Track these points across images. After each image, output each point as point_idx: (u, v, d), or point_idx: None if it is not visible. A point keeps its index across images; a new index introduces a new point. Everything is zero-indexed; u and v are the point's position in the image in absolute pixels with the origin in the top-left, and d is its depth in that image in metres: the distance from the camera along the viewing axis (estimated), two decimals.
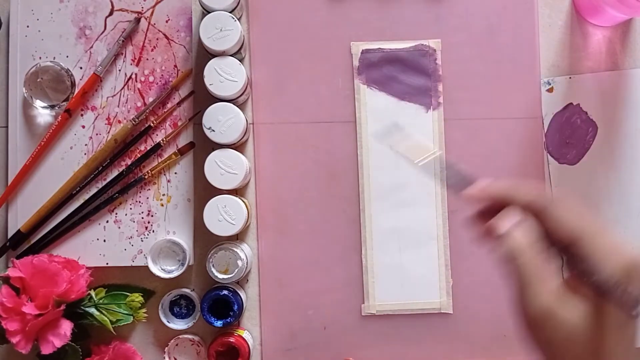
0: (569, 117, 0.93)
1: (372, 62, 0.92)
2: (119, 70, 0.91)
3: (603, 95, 0.93)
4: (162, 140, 0.90)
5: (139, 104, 0.91)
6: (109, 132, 0.91)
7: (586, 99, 0.93)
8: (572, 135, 0.93)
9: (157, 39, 0.91)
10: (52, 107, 0.89)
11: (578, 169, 0.93)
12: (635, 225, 0.92)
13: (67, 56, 0.91)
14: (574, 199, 0.68)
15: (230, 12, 0.85)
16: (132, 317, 0.87)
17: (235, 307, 0.86)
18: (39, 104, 0.89)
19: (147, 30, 0.91)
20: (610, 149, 0.93)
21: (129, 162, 0.91)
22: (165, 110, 0.91)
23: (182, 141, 0.91)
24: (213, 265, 0.86)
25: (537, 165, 0.93)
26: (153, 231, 0.90)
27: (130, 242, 0.90)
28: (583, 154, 0.93)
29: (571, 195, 0.92)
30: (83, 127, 0.91)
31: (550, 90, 0.93)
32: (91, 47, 0.91)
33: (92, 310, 0.87)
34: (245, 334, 0.89)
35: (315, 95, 0.92)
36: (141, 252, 0.90)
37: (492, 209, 0.64)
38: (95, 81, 0.90)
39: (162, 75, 0.91)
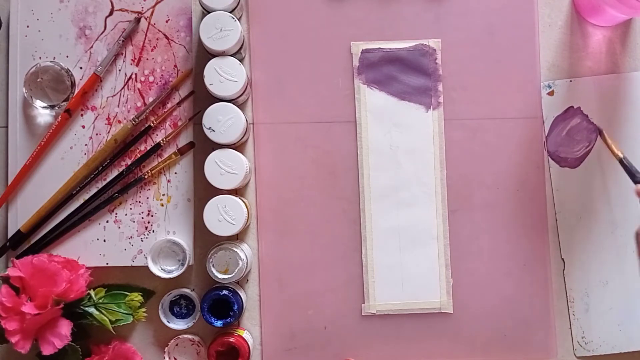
0: (569, 120, 0.93)
1: (372, 62, 0.92)
2: (119, 70, 0.91)
3: (604, 98, 0.93)
4: (162, 140, 0.90)
5: (139, 104, 0.91)
6: (109, 132, 0.91)
7: (587, 102, 0.93)
8: (572, 139, 0.93)
9: (157, 39, 0.91)
10: (52, 107, 0.89)
11: (579, 172, 0.93)
12: (635, 228, 0.92)
13: (67, 56, 0.91)
14: None
15: (230, 12, 0.85)
16: (131, 316, 0.87)
17: (235, 307, 0.86)
18: (39, 104, 0.89)
19: (147, 30, 0.91)
20: (611, 152, 0.92)
21: (129, 162, 0.91)
22: (165, 110, 0.91)
23: (182, 141, 0.91)
24: (213, 265, 0.86)
25: (537, 165, 0.93)
26: (153, 231, 0.90)
27: (130, 242, 0.90)
28: (584, 157, 0.93)
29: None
30: (83, 127, 0.91)
31: (550, 93, 0.93)
32: (91, 47, 0.91)
33: (92, 310, 0.87)
34: (245, 334, 0.89)
35: (315, 95, 0.92)
36: (141, 252, 0.90)
37: None
38: (95, 81, 0.90)
39: (162, 75, 0.91)
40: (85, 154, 0.91)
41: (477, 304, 0.92)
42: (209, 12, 0.85)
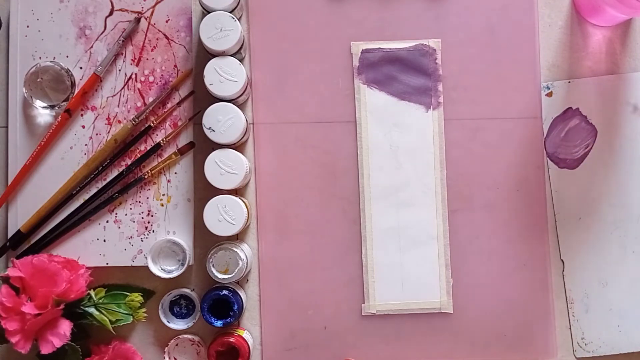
0: (568, 121, 0.93)
1: (372, 62, 0.92)
2: (119, 70, 0.91)
3: (602, 99, 0.93)
4: (162, 140, 0.90)
5: (139, 104, 0.91)
6: (109, 132, 0.91)
7: (585, 103, 0.93)
8: (571, 140, 0.93)
9: (157, 39, 0.91)
10: (52, 107, 0.90)
11: (578, 173, 0.93)
12: (635, 229, 0.92)
13: (67, 56, 0.91)
14: None
15: (230, 12, 0.85)
16: (131, 317, 0.87)
17: (235, 307, 0.86)
18: (39, 104, 0.89)
19: (147, 30, 0.91)
20: (610, 153, 0.92)
21: (129, 162, 0.91)
22: (165, 110, 0.91)
23: (182, 141, 0.91)
24: (213, 265, 0.86)
25: (537, 165, 0.93)
26: (153, 231, 0.90)
27: (130, 242, 0.90)
28: (583, 158, 0.93)
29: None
30: (83, 127, 0.91)
31: (549, 94, 0.93)
32: (91, 47, 0.91)
33: (92, 310, 0.87)
34: (245, 334, 0.89)
35: (315, 95, 0.92)
36: (141, 252, 0.90)
37: None
38: (95, 81, 0.90)
39: (162, 75, 0.91)
40: (85, 154, 0.91)
41: (477, 304, 0.92)
42: (209, 12, 0.85)
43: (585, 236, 0.92)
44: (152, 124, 0.90)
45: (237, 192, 0.91)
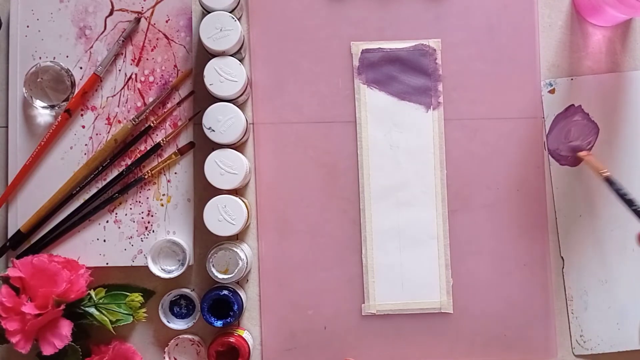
0: (570, 118, 0.93)
1: (372, 62, 0.92)
2: (119, 70, 0.91)
3: (605, 97, 0.93)
4: (162, 140, 0.90)
5: (139, 104, 0.91)
6: (109, 132, 0.91)
7: (588, 100, 0.93)
8: (573, 137, 0.93)
9: (157, 39, 0.91)
10: (52, 107, 0.89)
11: (579, 170, 0.93)
12: (635, 227, 0.92)
13: (67, 56, 0.91)
14: None
15: (230, 12, 0.85)
16: (131, 317, 0.87)
17: (235, 307, 0.86)
18: (39, 104, 0.89)
19: (147, 30, 0.91)
20: (612, 151, 0.92)
21: (129, 162, 0.91)
22: (165, 110, 0.91)
23: (182, 141, 0.91)
24: (213, 265, 0.86)
25: (537, 165, 0.93)
26: (153, 231, 0.90)
27: (130, 242, 0.90)
28: None
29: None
30: (83, 127, 0.91)
31: (552, 91, 0.93)
32: (91, 47, 0.91)
33: (92, 310, 0.87)
34: (245, 334, 0.89)
35: (315, 95, 0.92)
36: (141, 252, 0.90)
37: None
38: (95, 81, 0.90)
39: (162, 75, 0.91)
40: (85, 154, 0.91)
41: (477, 304, 0.92)
42: (209, 12, 0.85)
43: (585, 233, 0.92)
44: (152, 124, 0.90)
45: (237, 192, 0.91)
